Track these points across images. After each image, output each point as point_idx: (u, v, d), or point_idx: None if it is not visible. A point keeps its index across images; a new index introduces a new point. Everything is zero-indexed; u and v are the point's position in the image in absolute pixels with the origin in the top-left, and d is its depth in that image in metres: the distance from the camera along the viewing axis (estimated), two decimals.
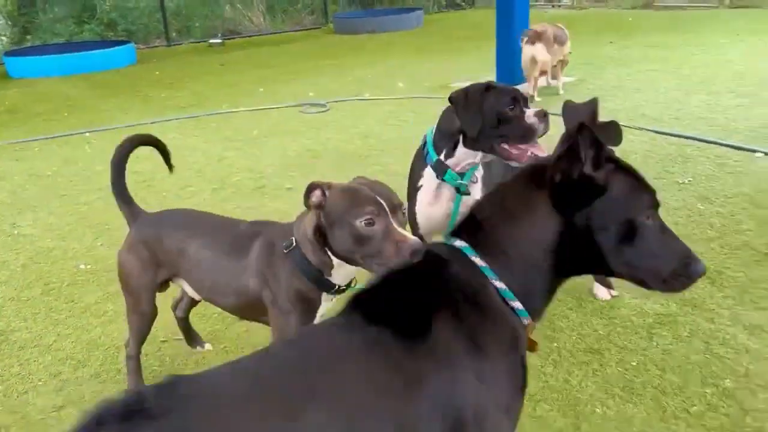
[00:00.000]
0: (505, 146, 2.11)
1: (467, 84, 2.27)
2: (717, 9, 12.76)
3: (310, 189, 1.68)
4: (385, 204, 1.59)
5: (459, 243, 1.26)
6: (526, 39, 6.10)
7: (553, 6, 16.13)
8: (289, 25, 14.90)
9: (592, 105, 1.38)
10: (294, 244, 1.79)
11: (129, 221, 2.22)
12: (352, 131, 5.60)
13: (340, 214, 1.63)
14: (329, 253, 1.72)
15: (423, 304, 1.20)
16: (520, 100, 2.12)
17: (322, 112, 6.42)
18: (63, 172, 5.05)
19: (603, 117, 1.42)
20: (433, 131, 2.27)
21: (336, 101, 6.74)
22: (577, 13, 14.41)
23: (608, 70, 7.39)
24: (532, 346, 1.29)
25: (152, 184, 4.54)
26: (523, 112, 2.11)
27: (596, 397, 2.03)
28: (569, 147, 1.18)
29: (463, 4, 17.14)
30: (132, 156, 2.26)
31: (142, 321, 2.16)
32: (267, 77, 8.68)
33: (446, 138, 2.19)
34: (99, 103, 7.78)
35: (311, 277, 1.77)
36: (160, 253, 2.07)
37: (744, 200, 3.54)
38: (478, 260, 1.23)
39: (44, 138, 6.14)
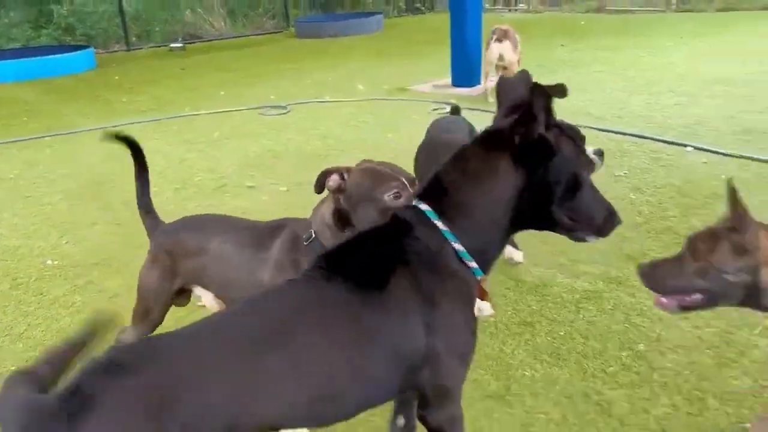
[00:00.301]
0: None
1: (426, 86, 2.48)
2: (664, 13, 13.32)
3: (326, 175, 1.79)
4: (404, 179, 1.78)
5: (424, 206, 1.42)
6: (495, 37, 6.36)
7: (509, 10, 16.55)
8: (250, 29, 14.99)
9: (526, 76, 1.57)
10: (313, 235, 1.85)
11: (149, 233, 2.20)
12: (311, 132, 5.78)
13: (365, 192, 1.76)
14: None
15: (382, 263, 1.38)
16: (583, 138, 2.32)
17: (283, 114, 6.59)
18: (25, 175, 5.11)
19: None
20: None
21: (296, 104, 6.91)
22: (532, 16, 14.85)
23: (558, 72, 7.72)
24: (483, 295, 1.49)
25: (116, 185, 4.65)
26: (584, 149, 2.30)
27: (526, 363, 2.26)
28: (525, 111, 1.34)
29: (423, 8, 17.47)
30: (99, 157, 2.38)
31: (148, 328, 2.14)
32: (228, 81, 8.80)
33: None
34: (59, 107, 7.79)
35: None
36: (179, 257, 2.06)
37: (672, 190, 3.84)
38: (440, 224, 1.39)
39: (4, 142, 6.17)
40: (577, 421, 1.98)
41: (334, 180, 1.81)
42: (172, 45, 13.09)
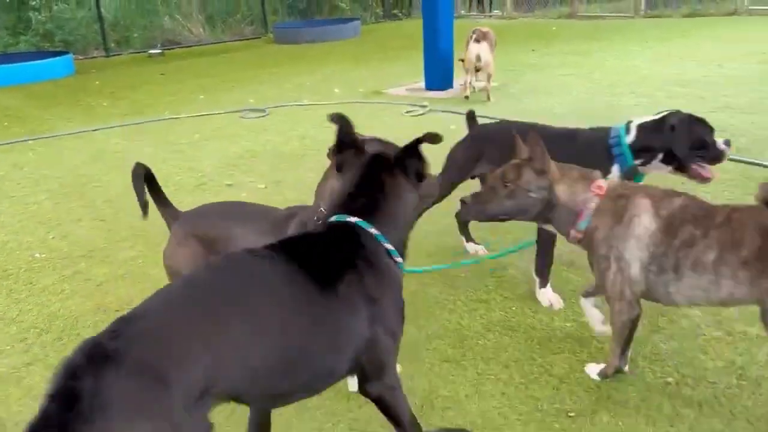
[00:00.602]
0: (695, 166, 2.56)
1: (401, 89, 2.72)
2: (633, 19, 13.73)
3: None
4: None
5: (354, 219, 1.70)
6: (474, 37, 6.65)
7: (484, 16, 16.91)
8: (228, 35, 15.16)
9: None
10: (323, 213, 1.95)
11: (169, 221, 2.35)
12: (290, 134, 6.00)
13: None
14: None
15: (336, 260, 1.63)
16: (711, 129, 2.59)
17: (262, 117, 6.80)
18: (10, 176, 5.26)
19: (518, 116, 1.98)
20: (630, 139, 2.55)
21: (275, 107, 7.12)
22: (506, 22, 15.20)
23: (528, 75, 8.02)
24: None
25: (100, 185, 4.83)
26: (715, 141, 2.57)
27: (480, 334, 2.50)
28: (413, 149, 1.77)
29: (400, 14, 17.77)
30: (82, 159, 2.56)
31: None
32: (208, 86, 8.99)
33: (646, 150, 2.54)
34: (40, 112, 7.92)
35: None
36: (209, 243, 2.21)
37: None
38: (373, 230, 1.70)
39: None
40: (522, 380, 2.22)
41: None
42: (151, 51, 13.23)
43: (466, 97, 6.88)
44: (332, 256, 1.64)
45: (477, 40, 6.65)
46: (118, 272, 3.32)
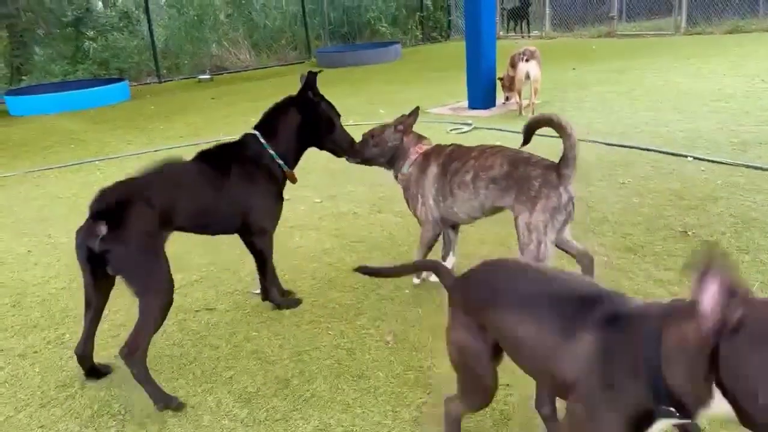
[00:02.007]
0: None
1: (444, 108, 3.00)
2: (673, 36, 13.76)
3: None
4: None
5: (255, 132, 3.01)
6: (523, 57, 6.93)
7: (523, 37, 17.11)
8: (274, 60, 15.70)
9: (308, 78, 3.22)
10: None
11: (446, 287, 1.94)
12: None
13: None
14: None
15: (230, 158, 2.91)
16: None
17: None
18: (82, 194, 5.62)
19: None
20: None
21: None
22: (546, 42, 15.36)
23: (569, 93, 8.17)
24: (292, 178, 3.11)
25: None
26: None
27: None
28: (304, 87, 3.10)
29: (439, 37, 18.10)
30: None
31: (485, 395, 1.87)
32: (257, 108, 9.18)
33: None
34: (102, 135, 8.39)
35: None
36: (479, 314, 1.77)
37: (671, 194, 4.24)
38: (262, 140, 2.97)
39: (58, 167, 6.75)
40: None
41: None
42: (200, 76, 13.80)
43: (520, 114, 7.10)
44: (229, 156, 2.93)
45: (526, 60, 6.91)
46: (192, 278, 3.59)
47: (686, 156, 5.01)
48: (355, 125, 7.48)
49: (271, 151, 2.97)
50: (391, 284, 3.28)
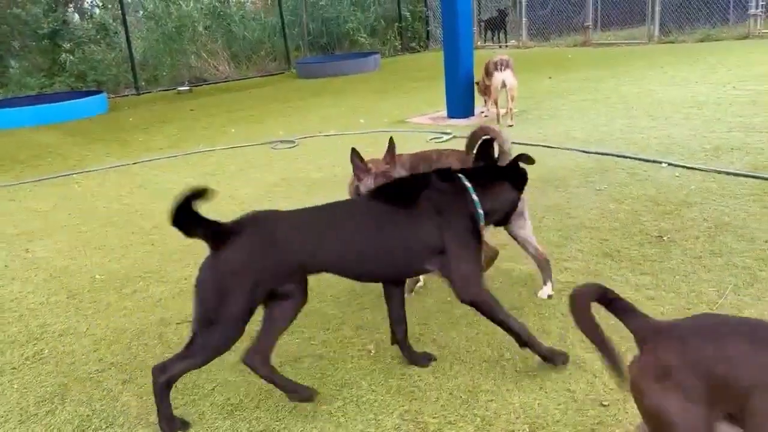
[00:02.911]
0: None
1: (423, 118, 3.05)
2: (646, 45, 14.00)
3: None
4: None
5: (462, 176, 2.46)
6: (498, 66, 7.02)
7: (500, 46, 17.29)
8: (253, 71, 15.70)
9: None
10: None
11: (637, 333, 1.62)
12: (320, 162, 6.29)
13: None
14: None
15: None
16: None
17: (292, 147, 7.11)
18: (60, 207, 5.58)
19: (538, 140, 2.32)
20: None
21: (303, 137, 7.44)
22: (522, 51, 15.54)
23: (546, 101, 8.28)
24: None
25: (146, 213, 5.13)
26: None
27: None
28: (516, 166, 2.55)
29: (418, 47, 18.24)
30: (126, 190, 2.81)
31: None
32: (237, 119, 9.37)
33: None
34: (79, 149, 8.32)
35: None
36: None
37: (647, 200, 4.31)
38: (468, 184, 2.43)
39: (35, 180, 6.68)
40: (558, 375, 2.41)
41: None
42: (179, 88, 13.76)
43: (498, 122, 7.16)
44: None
45: (502, 69, 7.00)
46: (174, 290, 3.58)
47: (661, 162, 5.11)
48: (335, 135, 7.52)
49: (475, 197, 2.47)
50: (373, 294, 3.30)
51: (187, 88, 13.75)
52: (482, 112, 7.88)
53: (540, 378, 2.41)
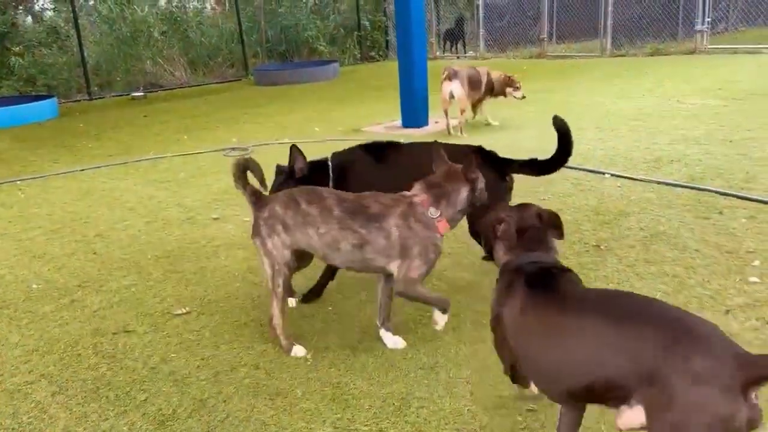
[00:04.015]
0: None
1: (379, 127, 3.07)
2: (600, 58, 14.36)
3: None
4: None
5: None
6: (445, 75, 7.06)
7: (458, 57, 17.52)
8: (210, 77, 15.53)
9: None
10: None
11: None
12: (272, 170, 6.24)
13: None
14: None
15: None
16: None
17: (245, 155, 7.06)
18: (0, 215, 5.41)
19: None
20: None
21: (258, 145, 7.40)
22: (479, 62, 15.77)
23: (498, 111, 8.40)
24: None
25: (90, 220, 5.02)
26: None
27: (452, 344, 2.75)
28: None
29: (377, 56, 18.33)
30: (71, 197, 2.76)
31: None
32: (191, 126, 9.26)
33: None
34: (26, 154, 8.10)
35: None
36: None
37: (588, 210, 4.43)
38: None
39: None
40: (491, 383, 2.45)
41: None
42: (133, 94, 13.52)
43: (449, 133, 7.23)
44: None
45: (449, 79, 7.07)
46: (113, 300, 3.51)
47: (603, 173, 5.25)
48: (290, 142, 7.48)
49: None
50: (314, 302, 3.30)
51: (142, 93, 13.52)
52: (436, 122, 7.96)
53: (471, 384, 2.45)
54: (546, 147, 6.07)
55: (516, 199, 4.72)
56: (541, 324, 1.76)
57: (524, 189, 4.97)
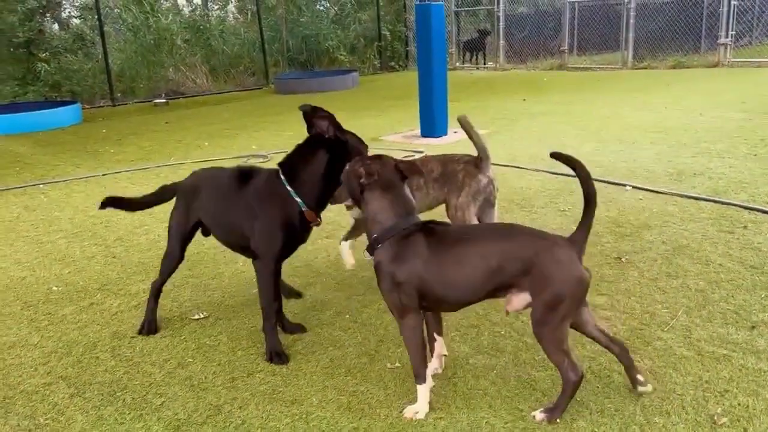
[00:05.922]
0: None
1: (397, 136, 3.07)
2: (621, 70, 14.29)
3: None
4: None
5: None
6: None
7: (477, 68, 17.50)
8: (231, 85, 15.68)
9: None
10: None
11: None
12: None
13: None
14: None
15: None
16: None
17: (264, 161, 7.10)
18: (23, 218, 5.49)
19: (507, 161, 2.89)
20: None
21: (277, 152, 7.43)
22: (499, 73, 15.76)
23: (518, 122, 8.39)
24: (314, 219, 2.87)
25: (110, 225, 5.07)
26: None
27: (470, 355, 2.71)
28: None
29: (396, 66, 18.39)
30: (92, 201, 2.79)
31: None
32: (212, 133, 9.33)
33: None
34: (49, 159, 8.21)
35: None
36: None
37: (609, 222, 4.37)
38: (284, 178, 2.82)
39: (1, 189, 6.57)
40: (508, 394, 2.42)
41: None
42: (155, 100, 13.69)
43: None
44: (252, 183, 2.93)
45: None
46: (131, 303, 3.53)
47: (625, 185, 5.19)
48: None
49: (290, 188, 2.83)
50: (332, 310, 3.29)
51: (164, 100, 13.69)
52: (455, 132, 7.94)
53: (490, 396, 2.42)
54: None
55: (537, 209, 4.70)
56: (450, 257, 2.25)
57: (545, 199, 4.96)
